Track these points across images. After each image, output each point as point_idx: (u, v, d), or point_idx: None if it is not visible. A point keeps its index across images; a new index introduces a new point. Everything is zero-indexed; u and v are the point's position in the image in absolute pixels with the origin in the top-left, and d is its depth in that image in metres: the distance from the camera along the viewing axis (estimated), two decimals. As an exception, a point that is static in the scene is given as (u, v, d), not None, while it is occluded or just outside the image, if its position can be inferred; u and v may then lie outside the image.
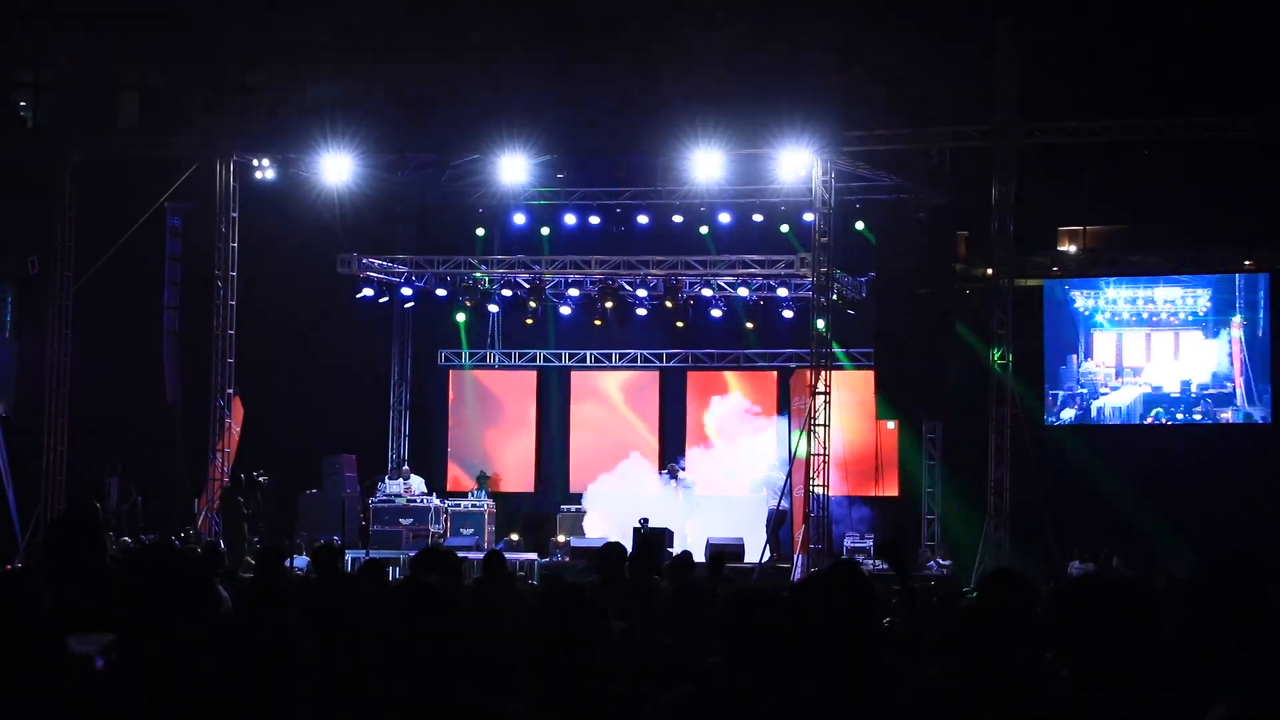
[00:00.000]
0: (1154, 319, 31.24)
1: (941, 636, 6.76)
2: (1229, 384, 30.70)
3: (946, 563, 29.73)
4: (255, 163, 29.97)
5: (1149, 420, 30.89)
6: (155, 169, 29.88)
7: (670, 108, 28.49)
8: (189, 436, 30.42)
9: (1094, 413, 31.26)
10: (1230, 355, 30.71)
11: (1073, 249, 32.26)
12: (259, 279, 30.36)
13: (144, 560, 6.44)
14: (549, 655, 6.08)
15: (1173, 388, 31.07)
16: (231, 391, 30.09)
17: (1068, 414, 31.26)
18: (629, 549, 14.56)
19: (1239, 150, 28.40)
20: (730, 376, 34.26)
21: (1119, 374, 31.39)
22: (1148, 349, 31.35)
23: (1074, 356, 31.44)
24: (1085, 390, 31.41)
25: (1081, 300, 31.68)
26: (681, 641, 8.14)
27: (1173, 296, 31.20)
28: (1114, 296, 31.46)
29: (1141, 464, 29.67)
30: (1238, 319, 30.58)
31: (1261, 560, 5.49)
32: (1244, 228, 29.95)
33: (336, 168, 30.30)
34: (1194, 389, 30.93)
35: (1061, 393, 31.38)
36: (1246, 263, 30.30)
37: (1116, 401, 31.30)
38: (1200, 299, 30.97)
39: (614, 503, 31.39)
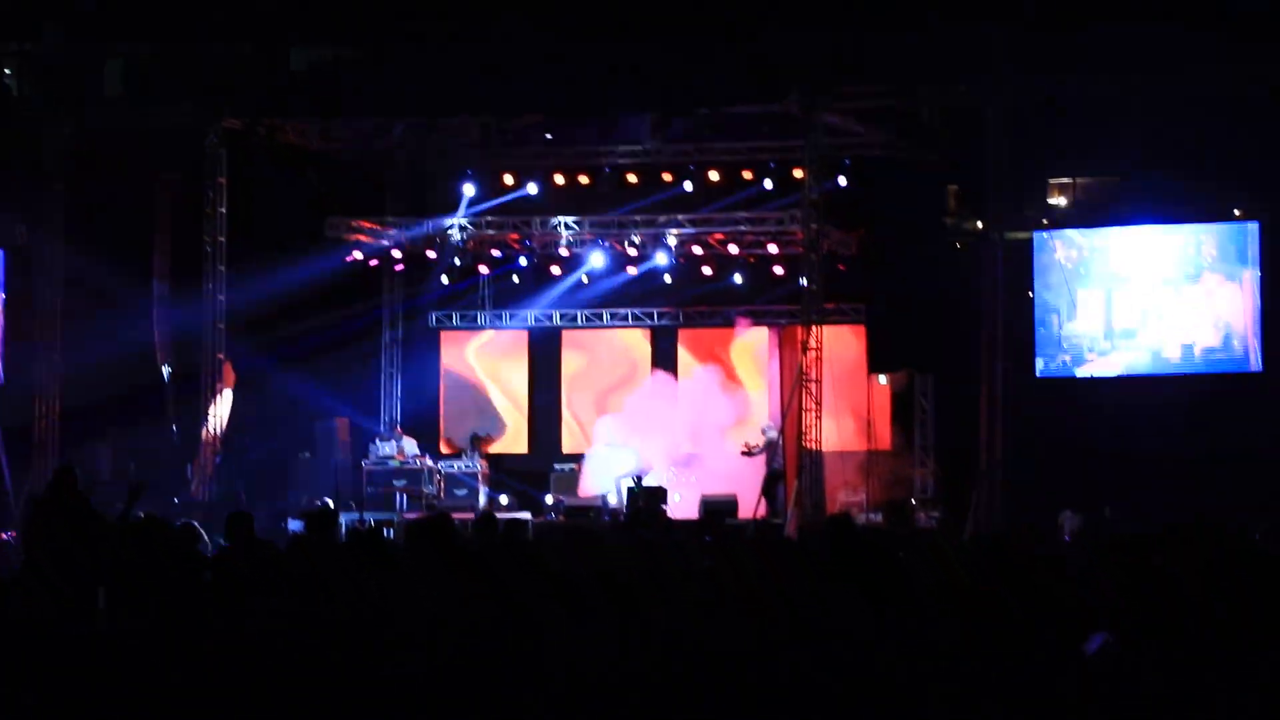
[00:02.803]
0: (1148, 271, 29.84)
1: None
2: (1240, 346, 29.25)
3: (935, 514, 29.77)
4: (242, 128, 29.85)
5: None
6: (143, 137, 29.81)
7: (659, 64, 28.42)
8: (180, 403, 30.41)
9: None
10: (1244, 311, 29.26)
11: (1063, 201, 32.20)
12: (248, 244, 30.31)
13: (134, 535, 6.48)
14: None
15: (1173, 353, 29.69)
16: (222, 357, 30.04)
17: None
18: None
19: (1229, 100, 28.35)
20: (721, 333, 34.17)
21: (1108, 336, 30.12)
22: (1142, 307, 29.94)
23: (1055, 318, 30.29)
24: (1069, 356, 30.22)
25: (1063, 250, 30.41)
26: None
27: (1171, 243, 29.85)
28: (1102, 246, 30.28)
29: (1133, 415, 29.60)
30: (1249, 272, 29.31)
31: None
32: (1233, 176, 29.82)
33: (324, 131, 30.22)
34: (1197, 353, 29.51)
35: (1043, 359, 30.30)
36: (1236, 212, 30.16)
37: (1105, 369, 30.11)
38: (1205, 245, 29.57)
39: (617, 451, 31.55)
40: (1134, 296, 30.16)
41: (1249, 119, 28.63)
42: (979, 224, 30.00)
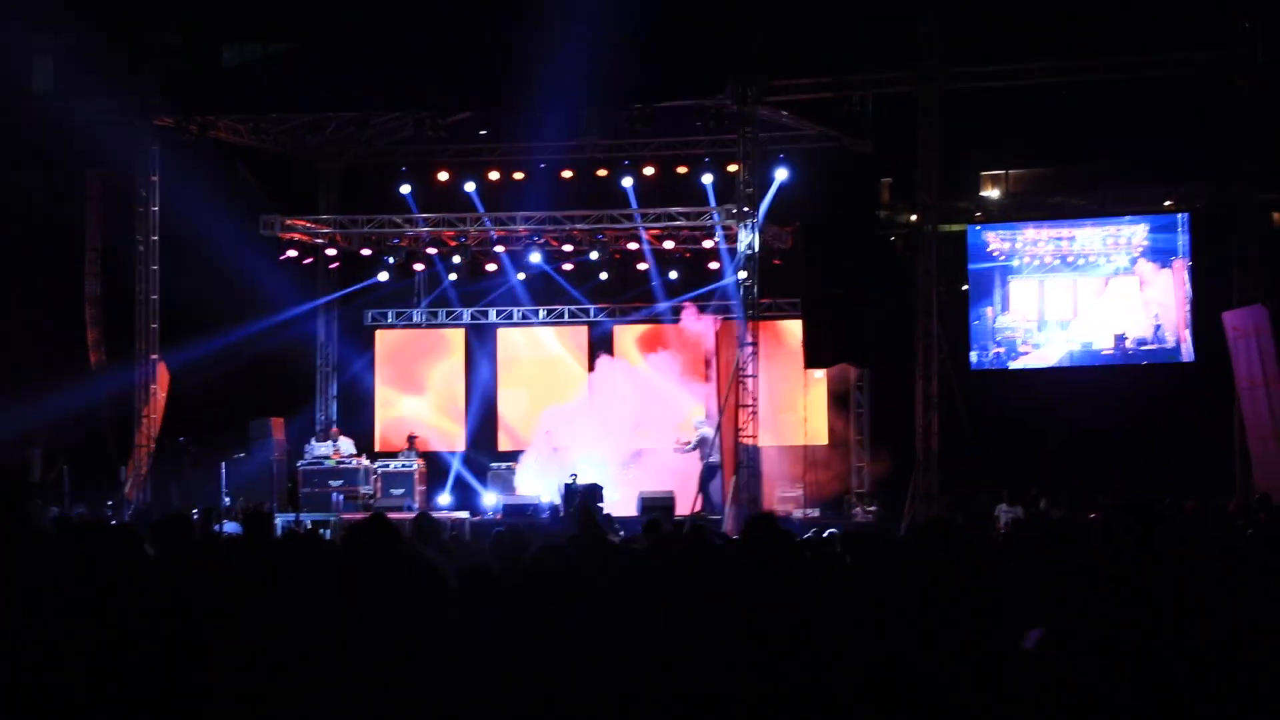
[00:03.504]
0: (1080, 262, 30.20)
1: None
2: (1170, 337, 29.59)
3: (872, 508, 29.87)
4: (174, 125, 29.68)
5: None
6: (73, 134, 29.58)
7: (593, 61, 28.37)
8: (114, 404, 30.19)
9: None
10: (1175, 302, 29.62)
11: (996, 194, 32.37)
12: (181, 243, 30.11)
13: (77, 534, 6.44)
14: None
15: (1105, 344, 30.06)
16: (156, 357, 29.85)
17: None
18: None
19: (1157, 89, 28.57)
20: (657, 329, 34.13)
21: (1042, 328, 30.48)
22: (1075, 298, 30.32)
23: (989, 310, 30.58)
24: (1003, 349, 30.55)
25: (997, 243, 30.63)
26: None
27: (1102, 236, 30.12)
28: (1035, 238, 30.50)
29: (1067, 405, 29.79)
30: (1179, 263, 29.63)
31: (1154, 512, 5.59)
32: (1165, 167, 30.06)
33: (257, 128, 30.08)
34: (1130, 344, 29.86)
35: (976, 352, 30.63)
36: (1167, 202, 30.39)
37: (1038, 361, 30.42)
38: (1136, 237, 29.92)
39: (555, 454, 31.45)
40: (1066, 288, 30.37)
41: (1179, 112, 28.87)
42: (912, 217, 30.11)
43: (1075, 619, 5.60)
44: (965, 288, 30.94)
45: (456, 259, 33.42)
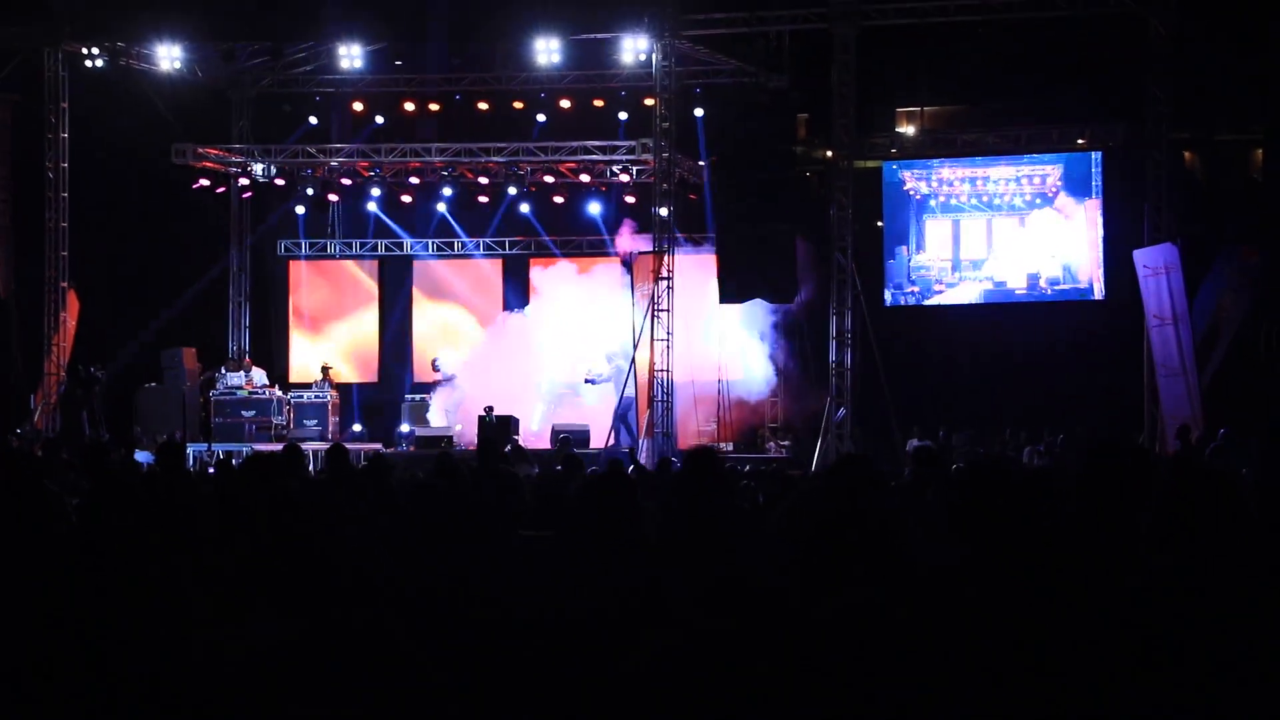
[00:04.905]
0: (994, 202, 30.32)
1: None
2: (1083, 276, 29.75)
3: (786, 443, 30.01)
4: (85, 52, 29.31)
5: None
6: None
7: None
8: (23, 331, 29.93)
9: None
10: (1087, 241, 29.80)
11: (911, 130, 32.46)
12: (92, 170, 29.82)
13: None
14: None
15: (1018, 283, 30.21)
16: (65, 285, 29.58)
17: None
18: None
19: (1072, 28, 28.71)
20: (573, 263, 34.08)
21: (956, 268, 30.59)
22: (989, 238, 30.45)
23: (904, 249, 30.63)
24: (918, 288, 30.61)
25: (912, 181, 30.66)
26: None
27: (1016, 175, 30.23)
28: (949, 177, 30.56)
29: (979, 343, 30.03)
30: (1092, 201, 29.88)
31: (1134, 449, 5.64)
32: (1078, 106, 30.24)
33: (169, 56, 29.76)
34: (1043, 283, 30.03)
35: (890, 290, 30.74)
36: (1080, 141, 30.57)
37: (953, 299, 30.53)
38: (1050, 177, 30.09)
39: (465, 385, 31.41)
40: (981, 228, 30.51)
41: (1092, 50, 29.03)
42: (828, 153, 30.17)
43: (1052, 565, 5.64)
44: (880, 224, 31.05)
45: (375, 191, 33.24)
